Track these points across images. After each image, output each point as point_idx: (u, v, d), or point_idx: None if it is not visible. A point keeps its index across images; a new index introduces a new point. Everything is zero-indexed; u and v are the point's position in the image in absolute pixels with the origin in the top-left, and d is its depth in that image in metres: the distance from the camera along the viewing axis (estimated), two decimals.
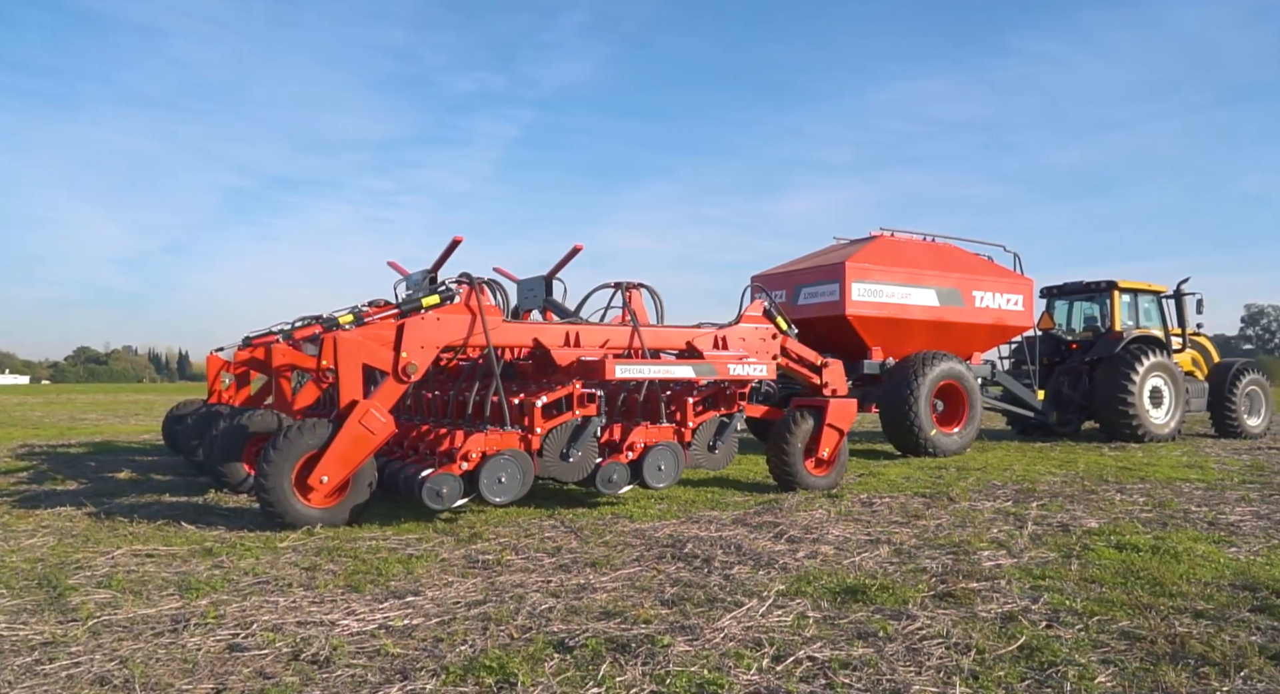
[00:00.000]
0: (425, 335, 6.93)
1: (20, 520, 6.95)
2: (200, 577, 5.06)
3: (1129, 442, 14.03)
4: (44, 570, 5.24)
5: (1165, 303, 15.72)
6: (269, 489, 6.42)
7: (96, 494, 8.40)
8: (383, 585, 4.84)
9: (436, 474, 6.54)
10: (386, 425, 6.69)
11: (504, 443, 6.89)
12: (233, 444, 8.23)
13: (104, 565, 5.37)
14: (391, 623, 4.12)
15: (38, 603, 4.52)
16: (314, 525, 6.52)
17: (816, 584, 4.77)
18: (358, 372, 6.81)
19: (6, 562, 5.47)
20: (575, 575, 5.06)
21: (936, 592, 4.60)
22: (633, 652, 3.62)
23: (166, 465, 11.08)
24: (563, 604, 4.43)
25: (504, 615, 4.22)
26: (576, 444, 7.13)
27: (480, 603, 4.47)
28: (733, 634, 3.85)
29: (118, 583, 4.89)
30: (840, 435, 8.60)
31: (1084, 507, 7.45)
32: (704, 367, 7.64)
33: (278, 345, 8.89)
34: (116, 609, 4.37)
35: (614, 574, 5.08)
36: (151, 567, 5.34)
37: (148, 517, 6.98)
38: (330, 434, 6.58)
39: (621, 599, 4.53)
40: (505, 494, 6.77)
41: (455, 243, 10.08)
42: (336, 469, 6.59)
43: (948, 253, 13.41)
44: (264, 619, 4.17)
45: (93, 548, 5.88)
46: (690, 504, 7.72)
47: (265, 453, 6.48)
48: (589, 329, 7.70)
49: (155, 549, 5.80)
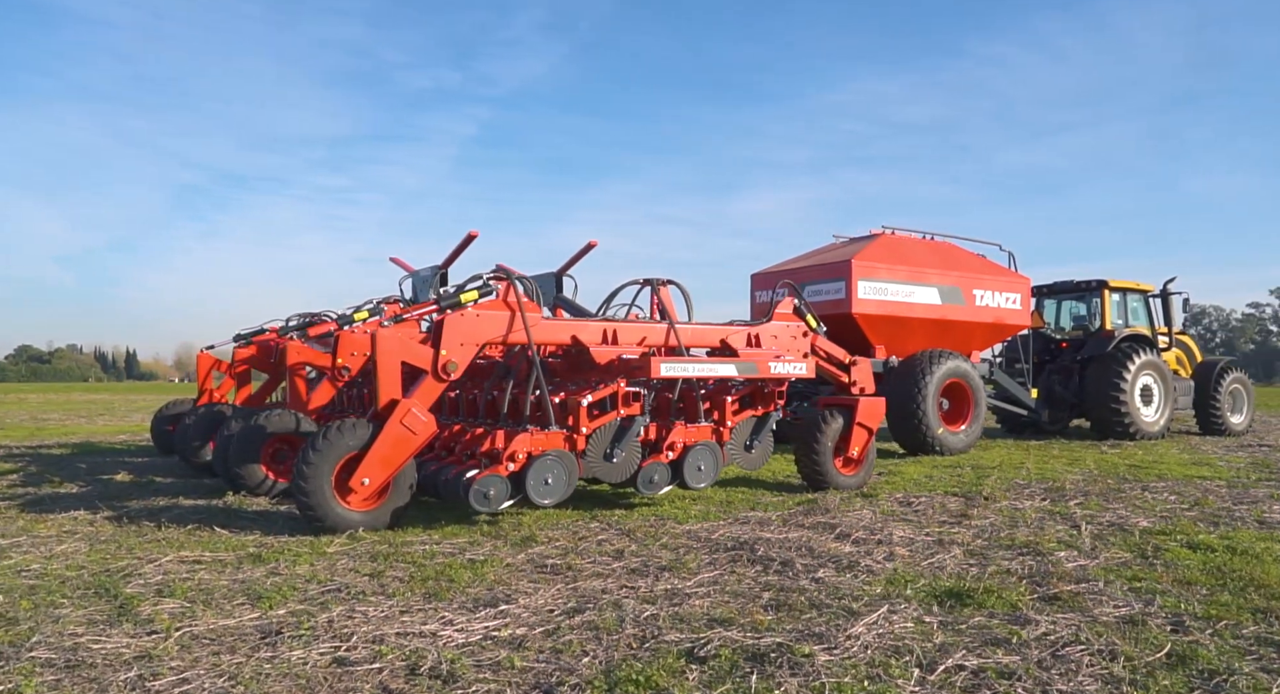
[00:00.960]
0: (465, 332, 6.71)
1: (38, 525, 6.60)
2: (263, 584, 4.81)
3: (1120, 439, 14.18)
4: (92, 578, 4.95)
5: (1152, 302, 15.94)
6: (309, 492, 6.16)
7: (105, 497, 8.04)
8: (463, 592, 4.64)
9: (484, 476, 6.33)
10: (428, 425, 6.46)
11: (549, 443, 6.70)
12: (250, 446, 7.92)
13: (154, 573, 5.09)
14: (496, 634, 3.93)
15: (106, 614, 4.25)
16: (355, 529, 6.28)
17: (913, 588, 4.65)
18: (397, 369, 6.56)
19: (49, 569, 5.17)
20: (657, 580, 4.89)
21: (1040, 595, 4.51)
22: (773, 662, 3.47)
23: (163, 467, 10.69)
24: (664, 611, 4.26)
25: (609, 624, 4.05)
26: (621, 444, 6.96)
27: (577, 610, 4.29)
28: (867, 641, 3.72)
29: (180, 592, 4.62)
30: (869, 434, 8.53)
31: (1124, 505, 7.44)
32: (746, 365, 7.51)
33: (292, 343, 8.59)
34: (194, 620, 4.12)
35: (695, 579, 4.92)
36: (205, 573, 5.07)
37: (175, 521, 6.67)
38: (371, 435, 6.34)
39: (721, 605, 4.37)
40: (552, 496, 6.59)
41: (470, 238, 9.86)
42: (378, 471, 6.35)
43: (948, 251, 13.44)
44: (361, 630, 3.95)
45: (132, 554, 5.58)
46: (727, 504, 7.59)
47: (304, 454, 6.22)
48: (626, 326, 7.53)
49: (201, 555, 5.52)
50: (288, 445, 8.20)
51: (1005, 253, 14.28)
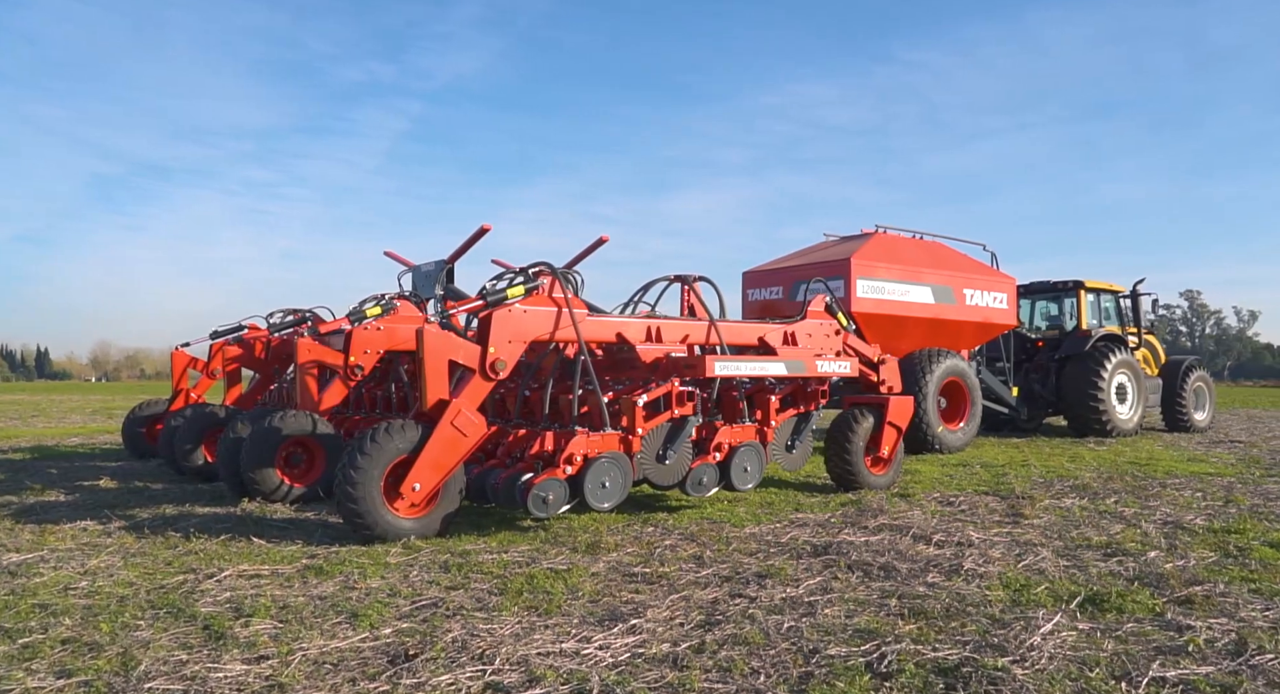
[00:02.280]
0: (513, 329, 6.40)
1: (49, 537, 6.11)
2: (346, 600, 4.47)
3: (1097, 437, 14.41)
4: (153, 597, 4.54)
5: (1122, 302, 16.26)
6: (358, 499, 5.79)
7: (102, 506, 7.51)
8: (572, 606, 4.36)
9: (543, 480, 6.04)
10: (479, 427, 6.14)
11: (604, 445, 6.44)
12: (265, 449, 7.47)
13: (218, 589, 4.70)
14: (643, 651, 3.67)
15: (198, 637, 3.88)
16: (406, 538, 5.94)
17: (1041, 592, 4.52)
18: (444, 368, 6.23)
19: (98, 587, 4.73)
20: (762, 588, 4.68)
21: (1171, 598, 4.41)
22: (967, 677, 3.29)
23: (144, 472, 10.09)
24: (802, 622, 4.05)
25: (755, 637, 3.82)
26: (674, 445, 6.73)
27: (708, 624, 4.05)
28: (1048, 652, 3.55)
29: (262, 610, 4.26)
30: (899, 433, 8.43)
31: (1162, 502, 7.45)
32: (795, 363, 7.34)
33: (302, 340, 8.15)
34: (300, 642, 3.78)
35: (804, 586, 4.71)
36: (274, 589, 4.70)
37: (202, 531, 6.24)
38: (421, 438, 6.00)
39: (855, 615, 4.18)
40: (609, 500, 6.33)
41: (482, 231, 9.50)
42: (429, 475, 6.01)
43: (939, 251, 13.48)
44: (499, 651, 3.65)
45: (176, 568, 5.17)
46: (768, 506, 7.40)
47: (351, 458, 5.85)
48: (669, 324, 7.30)
49: (259, 569, 5.13)
50: (301, 448, 7.79)
51: (989, 253, 14.41)
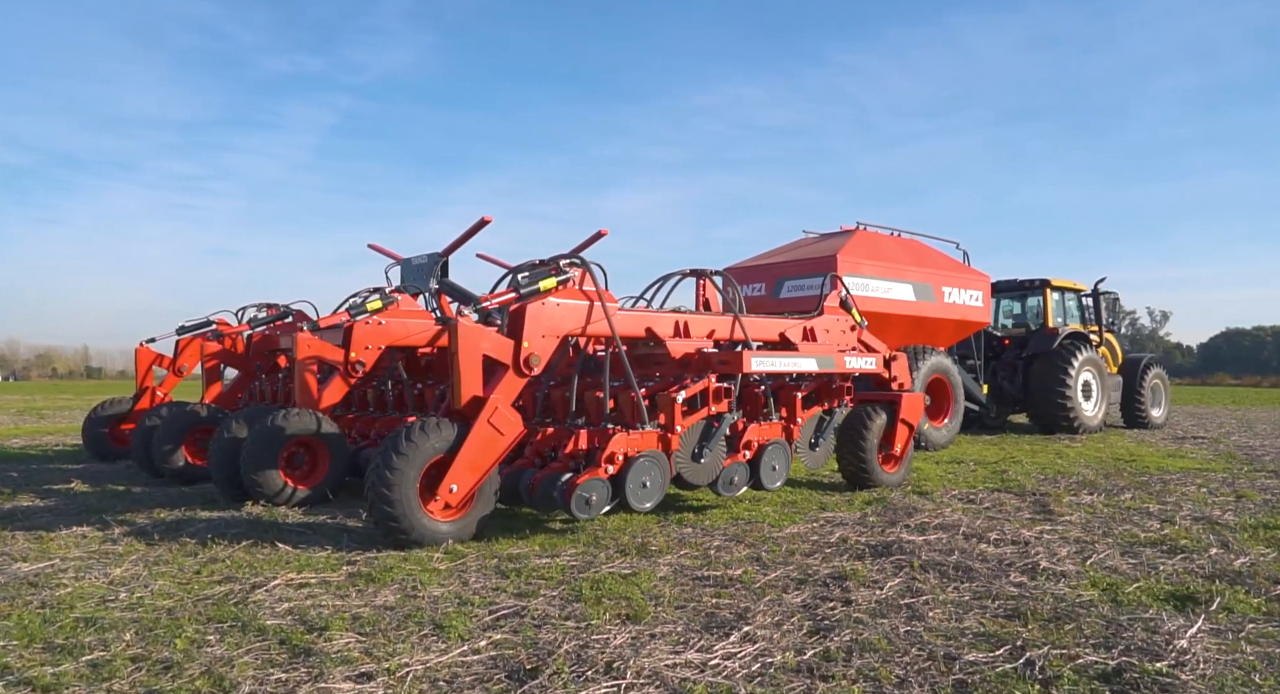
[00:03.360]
0: (547, 323, 6.15)
1: (51, 546, 5.66)
2: (417, 609, 4.19)
3: (1064, 433, 14.64)
4: (205, 608, 4.20)
5: (1084, 300, 16.56)
6: (394, 502, 5.48)
7: (86, 510, 7.04)
8: (667, 613, 4.14)
9: (586, 480, 5.81)
10: (515, 425, 5.88)
11: (643, 443, 6.22)
12: (268, 450, 7.07)
13: (271, 599, 4.36)
14: (771, 659, 3.47)
15: (280, 652, 3.57)
16: (444, 542, 5.65)
17: (1134, 591, 4.45)
18: (479, 364, 5.93)
19: (141, 601, 4.35)
20: (849, 592, 4.52)
21: (1268, 596, 4.37)
22: (1133, 683, 3.16)
23: (111, 474, 9.53)
24: (917, 627, 3.90)
25: (880, 644, 3.66)
26: (709, 443, 6.54)
27: (823, 630, 3.87)
28: (1200, 656, 3.45)
29: (333, 622, 3.95)
30: (911, 430, 8.38)
31: (1181, 499, 7.51)
32: (825, 359, 7.22)
33: (302, 335, 7.75)
34: (400, 656, 3.49)
35: (888, 588, 4.57)
36: (332, 598, 4.39)
37: (219, 537, 5.84)
38: (458, 436, 5.71)
39: (965, 617, 4.05)
40: (650, 500, 6.13)
41: (482, 223, 9.19)
42: (466, 476, 5.73)
43: (918, 249, 13.53)
44: (628, 664, 3.41)
45: (217, 578, 4.81)
46: (792, 505, 7.26)
47: (385, 459, 5.53)
48: (697, 319, 7.12)
49: (306, 578, 4.79)
50: (304, 448, 7.40)
51: (961, 251, 14.52)
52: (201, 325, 11.22)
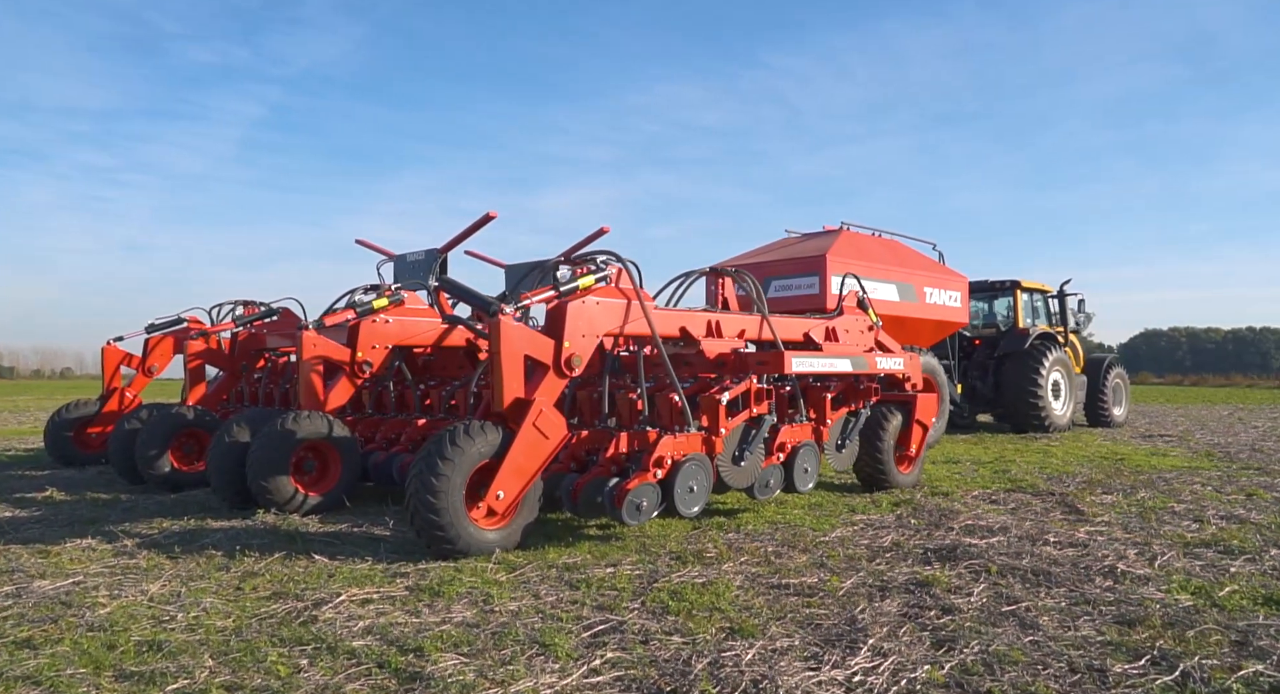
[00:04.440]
0: (587, 322, 5.93)
1: (64, 562, 5.26)
2: (505, 626, 3.95)
3: (1035, 432, 14.83)
4: (272, 629, 3.89)
5: (1050, 301, 16.81)
6: (440, 510, 5.20)
7: (79, 521, 6.63)
8: (776, 626, 3.96)
9: (637, 485, 5.59)
10: (560, 428, 5.65)
11: (689, 446, 6.03)
12: (279, 455, 6.71)
13: (342, 617, 4.07)
14: (914, 675, 3.32)
15: (391, 678, 3.30)
16: (491, 552, 5.39)
17: (1228, 594, 4.40)
18: (520, 364, 5.68)
19: (199, 621, 4.02)
20: (934, 598, 4.39)
21: None
22: None
23: (87, 481, 9.01)
24: (1038, 637, 3.78)
25: (1019, 656, 3.52)
26: (750, 446, 6.38)
27: (944, 641, 3.73)
28: None
29: (426, 642, 3.69)
30: (925, 431, 8.32)
31: (1196, 498, 7.57)
32: (859, 360, 7.11)
33: (307, 334, 7.38)
34: (521, 681, 3.26)
35: (978, 595, 4.45)
36: (407, 616, 4.11)
37: (253, 549, 5.49)
38: (504, 440, 5.46)
39: (1071, 625, 3.94)
40: (697, 504, 5.94)
41: (487, 218, 8.88)
42: (513, 482, 5.48)
43: (900, 249, 13.55)
44: (778, 682, 3.22)
45: (270, 595, 4.49)
46: (818, 507, 7.13)
47: (430, 464, 5.25)
48: (728, 318, 6.96)
49: (369, 593, 4.50)
50: (313, 453, 7.04)
51: (937, 251, 14.60)
52: (172, 323, 10.71)
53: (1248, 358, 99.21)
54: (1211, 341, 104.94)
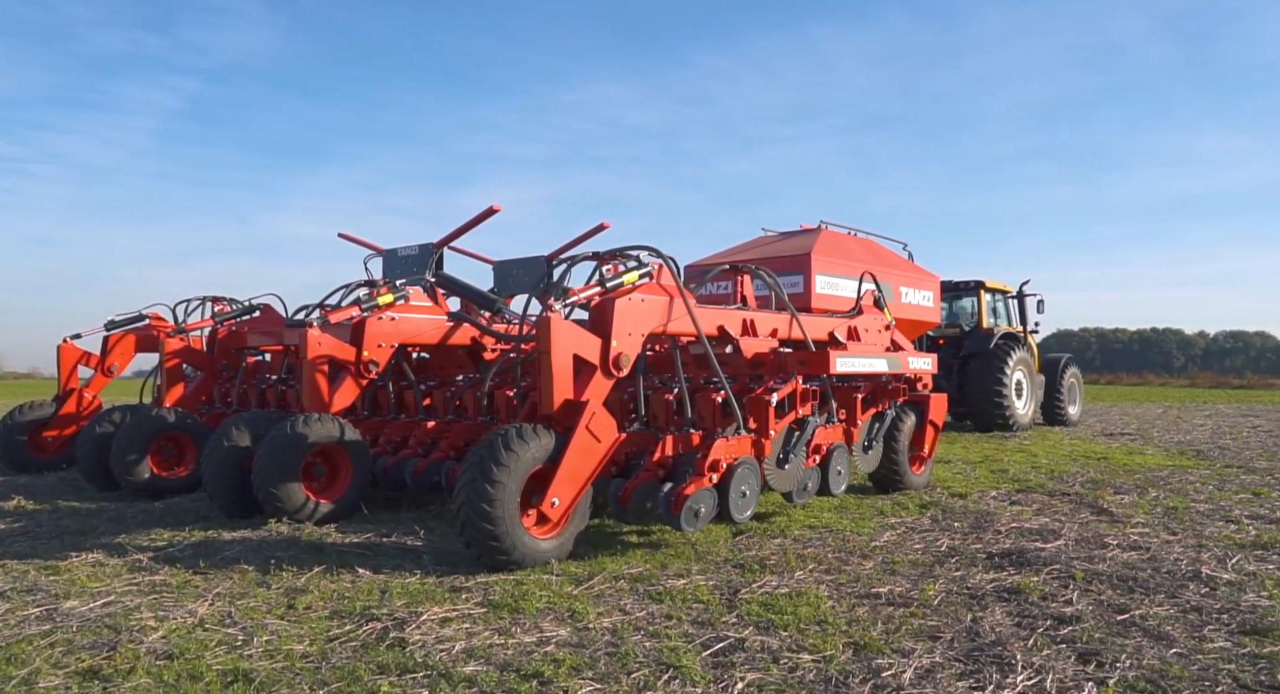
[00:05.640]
0: (633, 320, 5.67)
1: (79, 579, 4.79)
2: (610, 644, 3.68)
3: (1000, 431, 15.00)
4: (369, 655, 3.55)
5: (1010, 302, 17.05)
6: (496, 519, 4.89)
7: (67, 533, 6.16)
8: (904, 641, 3.77)
9: (695, 490, 5.35)
10: (612, 431, 5.39)
11: (739, 449, 5.81)
12: (290, 460, 6.28)
13: (432, 640, 3.75)
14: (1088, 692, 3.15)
15: None
16: (545, 562, 5.10)
17: None
18: (570, 364, 5.39)
19: (272, 646, 3.65)
20: (1034, 606, 4.26)
21: None
22: None
23: (51, 487, 8.40)
24: (1182, 650, 3.66)
25: (1178, 672, 3.39)
26: (794, 448, 6.19)
27: (1090, 654, 3.58)
28: None
29: (547, 667, 3.40)
30: (937, 431, 8.26)
31: (1216, 499, 7.64)
32: (893, 360, 6.99)
33: (312, 332, 6.94)
34: None
35: (1080, 604, 4.33)
36: (496, 636, 3.81)
37: (291, 563, 5.09)
38: (558, 445, 5.17)
39: (1206, 636, 3.84)
40: (749, 509, 5.74)
41: (490, 212, 8.55)
42: (568, 489, 5.20)
43: (877, 249, 13.54)
44: None
45: (332, 614, 4.13)
46: (845, 510, 6.98)
47: (484, 470, 4.93)
48: (762, 317, 6.76)
49: (447, 612, 4.17)
50: (322, 458, 6.63)
51: (907, 251, 14.65)
52: (133, 320, 10.13)
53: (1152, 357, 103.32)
54: (1119, 342, 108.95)
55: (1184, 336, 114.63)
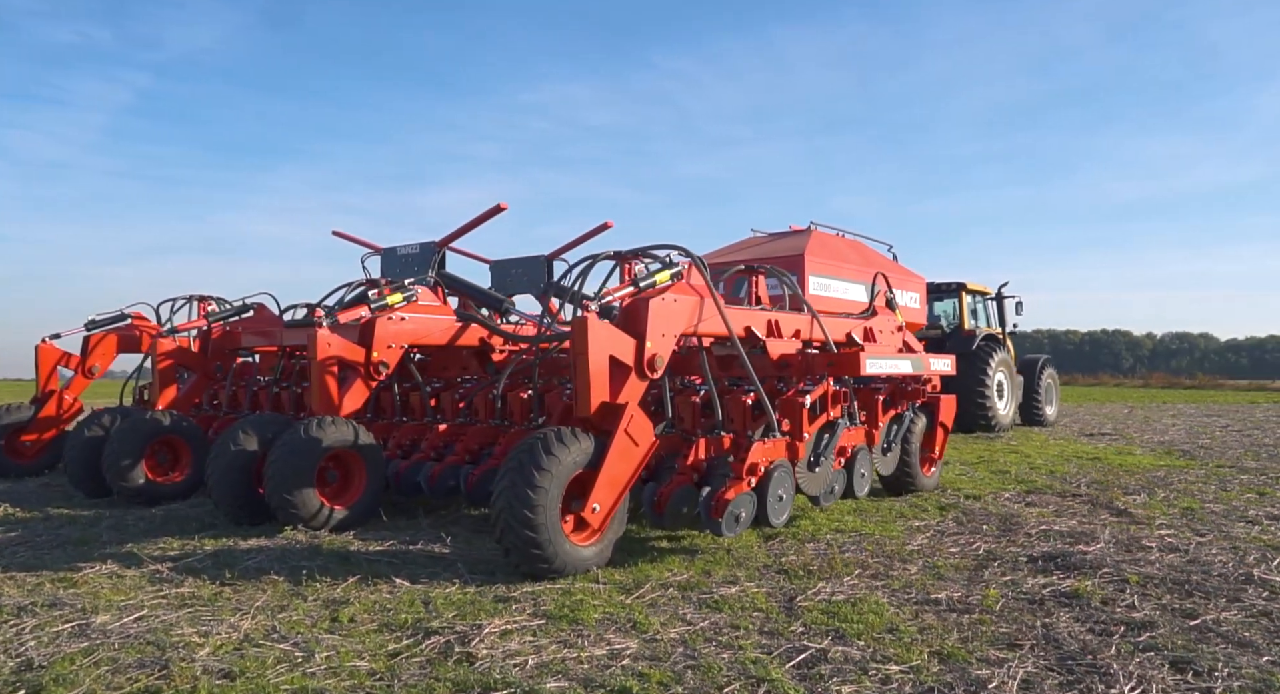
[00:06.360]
0: (666, 321, 5.54)
1: (102, 592, 4.55)
2: (690, 658, 3.56)
3: (982, 432, 15.09)
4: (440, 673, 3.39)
5: (989, 303, 17.18)
6: (538, 526, 4.74)
7: (69, 543, 5.92)
8: (974, 648, 3.68)
9: (737, 494, 5.24)
10: (649, 434, 5.26)
11: (774, 452, 5.71)
12: (305, 465, 6.06)
13: (501, 655, 3.60)
14: None
15: None
16: (586, 570, 4.96)
17: None
18: (606, 366, 5.24)
19: (339, 665, 3.47)
20: (1113, 613, 4.21)
21: None
22: None
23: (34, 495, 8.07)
24: (1270, 659, 3.61)
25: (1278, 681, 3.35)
26: (825, 451, 6.11)
27: (1184, 664, 3.52)
28: None
29: (633, 683, 3.26)
30: (947, 433, 8.23)
31: (1224, 500, 7.68)
32: (917, 361, 6.93)
33: (321, 332, 6.72)
34: None
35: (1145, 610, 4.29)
36: (564, 650, 3.67)
37: (316, 573, 4.88)
38: (598, 449, 5.03)
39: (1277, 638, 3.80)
40: (784, 513, 5.64)
41: (497, 209, 8.37)
42: (608, 494, 5.07)
43: (865, 250, 13.55)
44: None
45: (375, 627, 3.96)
46: (863, 513, 6.91)
47: (525, 475, 4.77)
48: (785, 317, 6.67)
49: (506, 624, 4.00)
50: (334, 463, 6.41)
51: (892, 253, 14.68)
52: (114, 320, 9.81)
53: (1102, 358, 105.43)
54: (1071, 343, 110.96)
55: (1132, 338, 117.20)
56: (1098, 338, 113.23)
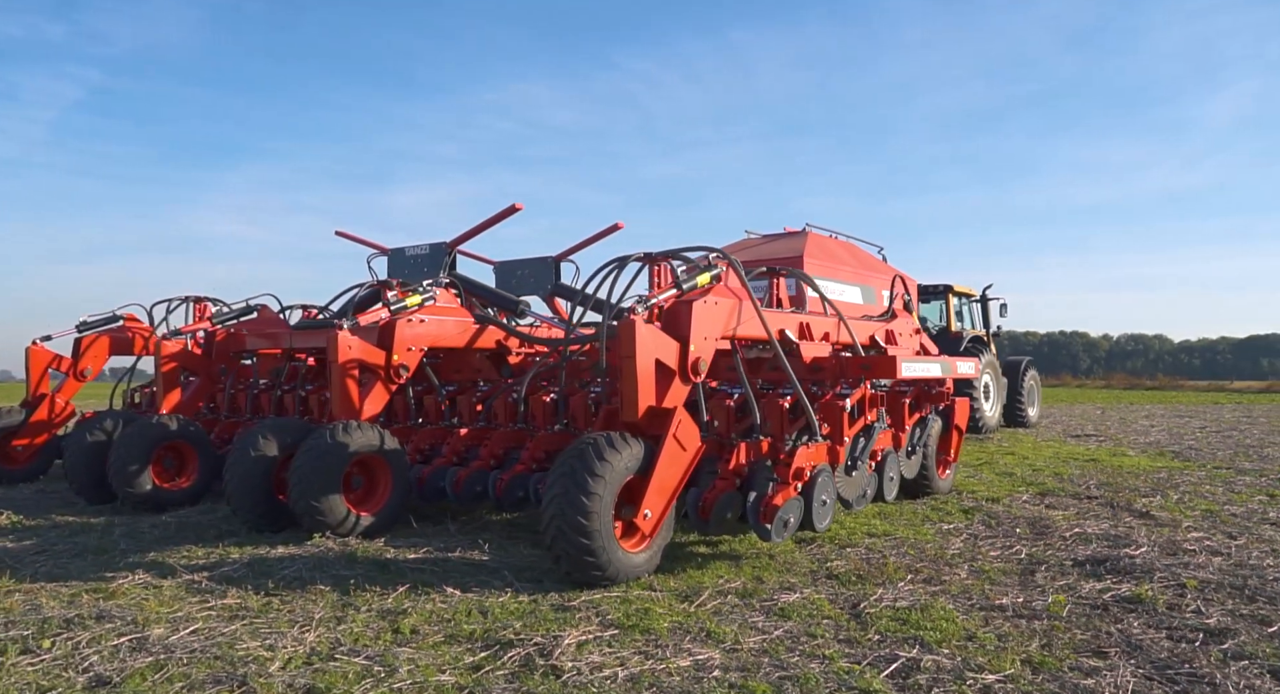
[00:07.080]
0: (709, 323, 5.48)
1: (147, 605, 4.39)
2: (777, 669, 3.50)
3: (969, 434, 15.19)
4: (530, 686, 3.28)
5: (974, 305, 17.31)
6: (591, 532, 4.65)
7: (87, 551, 5.73)
8: (1060, 656, 3.65)
9: (786, 500, 5.18)
10: (696, 438, 5.20)
11: (817, 457, 5.66)
12: (332, 471, 5.91)
13: (581, 665, 3.50)
14: None
15: None
16: (638, 577, 4.88)
17: None
18: (653, 369, 5.16)
19: (424, 682, 3.36)
20: (1185, 618, 4.21)
21: None
22: None
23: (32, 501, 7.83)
24: None
25: None
26: (862, 455, 6.07)
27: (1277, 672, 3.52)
28: None
29: None
30: (961, 435, 8.24)
31: (1238, 502, 7.77)
32: (945, 365, 6.91)
33: (342, 335, 6.57)
34: None
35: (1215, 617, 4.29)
36: (646, 661, 3.60)
37: (360, 583, 4.75)
38: (648, 454, 4.95)
39: None
40: (827, 518, 5.59)
41: (512, 209, 8.26)
42: (659, 499, 5.00)
43: (859, 252, 13.58)
44: None
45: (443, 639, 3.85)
46: (887, 517, 6.90)
47: (577, 480, 4.68)
48: (816, 320, 6.64)
49: (582, 635, 3.91)
50: (359, 468, 6.27)
51: (881, 255, 14.73)
52: (107, 321, 9.58)
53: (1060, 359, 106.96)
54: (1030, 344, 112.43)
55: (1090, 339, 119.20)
56: (1056, 339, 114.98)
